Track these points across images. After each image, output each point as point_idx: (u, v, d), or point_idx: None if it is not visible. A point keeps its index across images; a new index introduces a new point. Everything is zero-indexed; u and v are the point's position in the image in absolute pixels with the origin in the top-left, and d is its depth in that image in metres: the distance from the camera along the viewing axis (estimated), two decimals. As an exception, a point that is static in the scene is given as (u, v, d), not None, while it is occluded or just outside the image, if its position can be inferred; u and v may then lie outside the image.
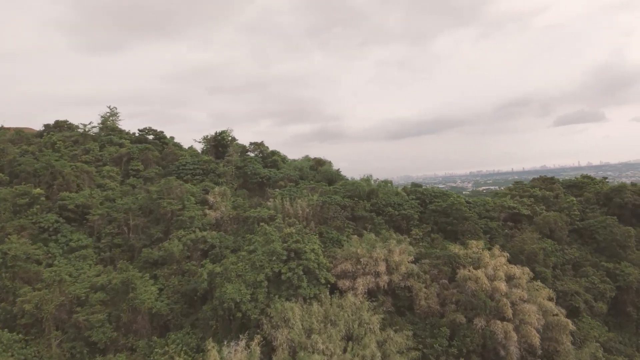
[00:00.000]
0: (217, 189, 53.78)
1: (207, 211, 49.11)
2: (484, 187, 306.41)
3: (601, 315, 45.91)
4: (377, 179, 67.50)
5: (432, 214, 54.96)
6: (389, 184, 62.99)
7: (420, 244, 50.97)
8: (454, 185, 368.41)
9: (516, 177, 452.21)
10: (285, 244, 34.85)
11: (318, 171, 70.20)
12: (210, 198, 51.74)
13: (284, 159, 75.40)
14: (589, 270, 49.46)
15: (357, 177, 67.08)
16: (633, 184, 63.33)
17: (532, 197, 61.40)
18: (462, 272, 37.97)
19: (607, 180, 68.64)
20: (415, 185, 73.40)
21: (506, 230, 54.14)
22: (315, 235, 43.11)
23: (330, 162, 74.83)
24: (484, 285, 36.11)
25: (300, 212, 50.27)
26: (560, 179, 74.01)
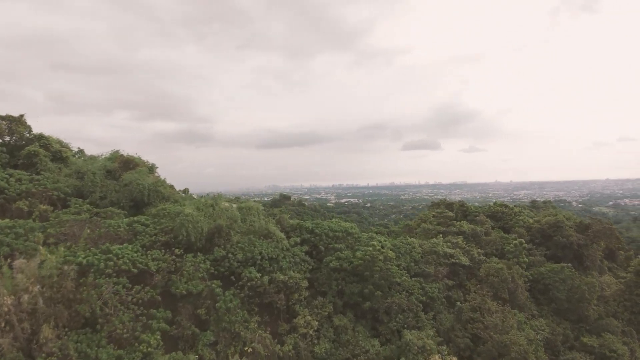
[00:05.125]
0: None
1: None
2: (345, 199, 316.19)
3: None
4: (234, 202, 38.23)
5: (332, 274, 28.92)
6: (255, 211, 33.64)
7: (317, 348, 24.09)
8: (319, 196, 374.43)
9: (371, 192, 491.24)
10: None
11: (121, 181, 36.26)
12: None
13: (57, 153, 39.00)
14: (576, 358, 30.33)
15: (215, 190, 36.06)
16: (566, 218, 49.79)
17: (460, 234, 41.57)
18: None
19: (519, 210, 54.65)
20: (284, 196, 47.92)
21: (452, 297, 31.72)
22: None
23: (151, 166, 41.81)
24: None
25: (9, 300, 18.06)
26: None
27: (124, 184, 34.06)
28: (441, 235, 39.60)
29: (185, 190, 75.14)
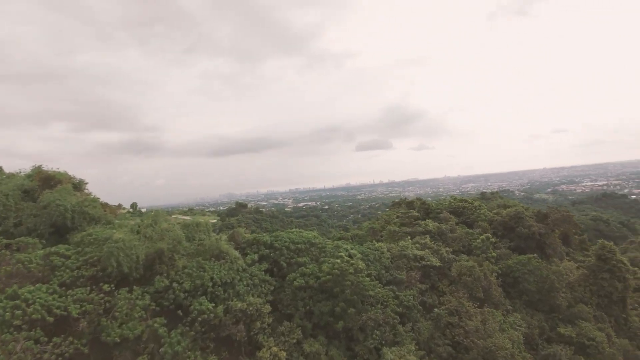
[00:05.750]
0: None
1: None
2: (303, 203, 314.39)
3: None
4: (188, 214, 33.43)
5: (297, 293, 25.63)
6: (204, 227, 29.29)
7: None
8: (276, 202, 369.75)
9: (328, 194, 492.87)
10: None
11: (39, 202, 29.83)
12: None
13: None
14: (557, 352, 29.31)
15: (167, 203, 30.67)
16: (525, 208, 50.15)
17: (426, 234, 39.95)
18: None
19: (480, 204, 54.53)
20: (241, 204, 44.16)
21: (427, 302, 29.57)
22: None
23: (78, 182, 35.64)
24: None
25: None
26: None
27: (42, 206, 28.48)
28: (409, 236, 37.65)
29: (134, 205, 67.23)
